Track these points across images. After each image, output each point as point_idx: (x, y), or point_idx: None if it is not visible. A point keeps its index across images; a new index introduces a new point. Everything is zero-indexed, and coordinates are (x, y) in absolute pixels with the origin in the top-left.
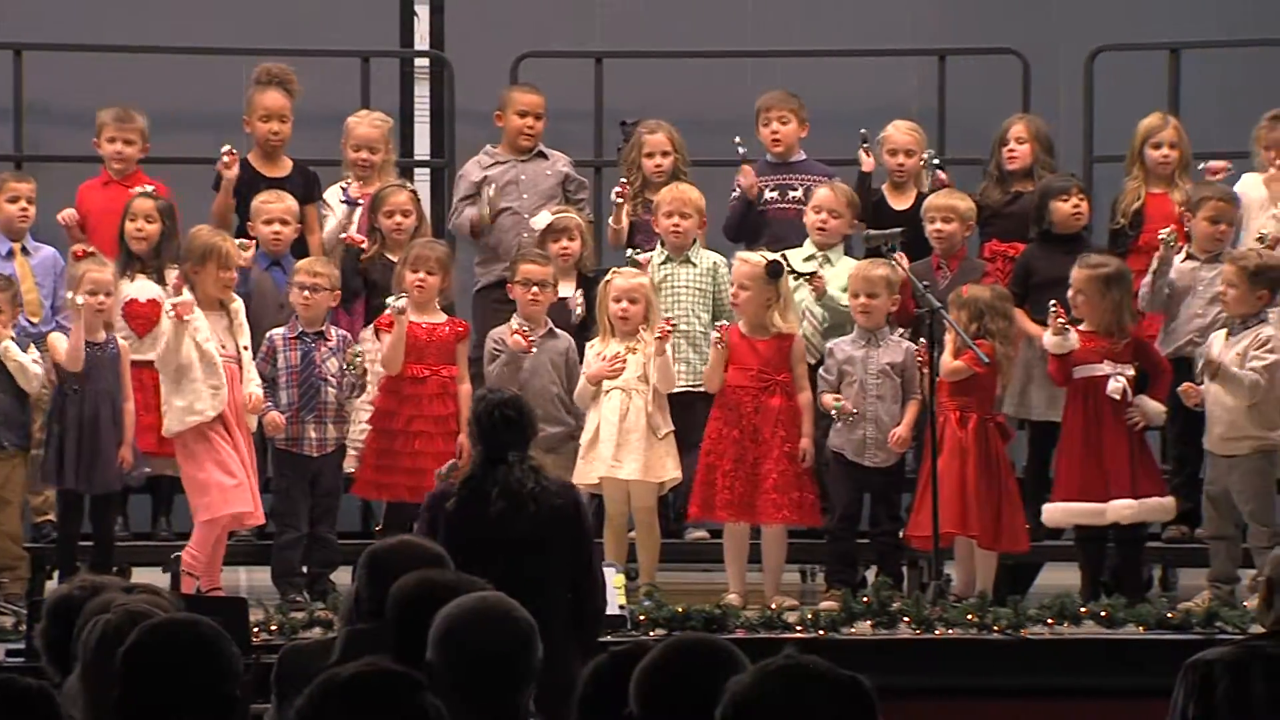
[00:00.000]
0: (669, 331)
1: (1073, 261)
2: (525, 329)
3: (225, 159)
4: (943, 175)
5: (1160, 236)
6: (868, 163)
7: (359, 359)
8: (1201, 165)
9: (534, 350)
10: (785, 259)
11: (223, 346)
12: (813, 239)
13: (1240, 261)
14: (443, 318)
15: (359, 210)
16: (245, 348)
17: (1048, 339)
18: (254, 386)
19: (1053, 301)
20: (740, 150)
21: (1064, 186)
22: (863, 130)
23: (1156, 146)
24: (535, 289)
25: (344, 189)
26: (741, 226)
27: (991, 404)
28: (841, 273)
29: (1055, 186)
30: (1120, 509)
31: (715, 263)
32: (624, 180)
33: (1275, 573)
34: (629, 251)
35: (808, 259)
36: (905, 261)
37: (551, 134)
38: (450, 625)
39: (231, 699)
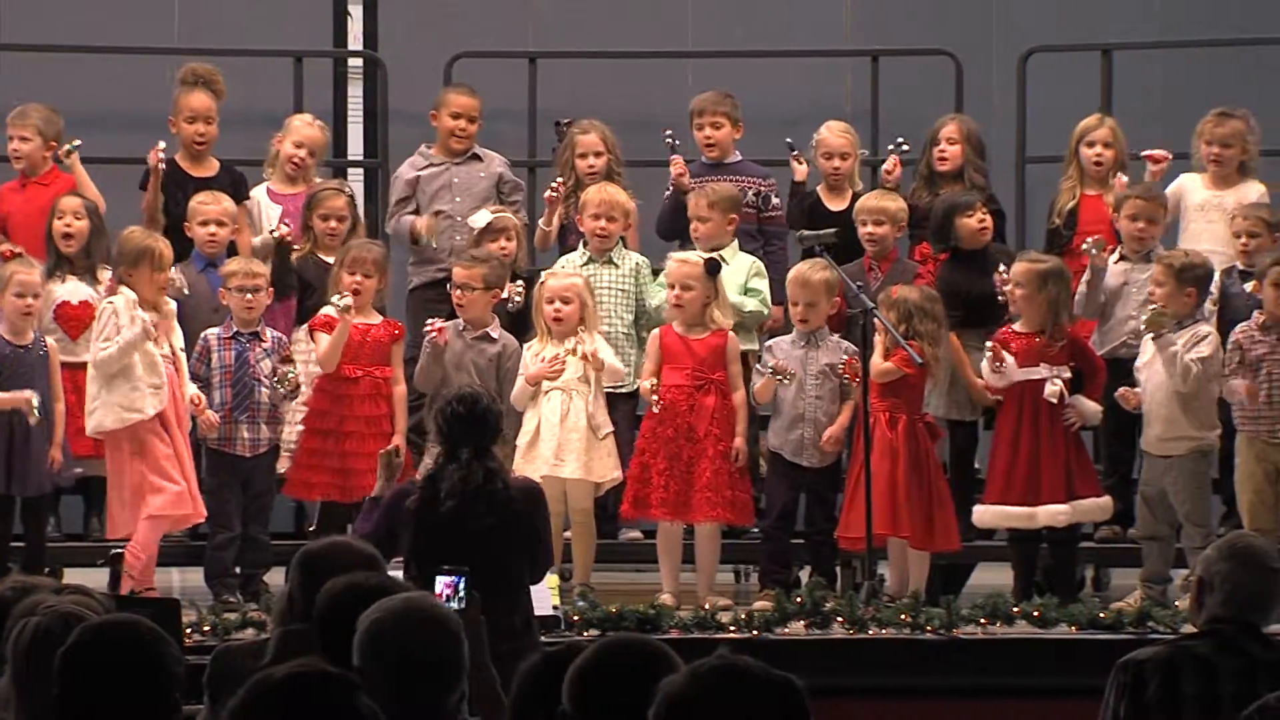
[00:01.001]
0: (568, 356)
1: (986, 274)
2: (459, 327)
3: (158, 152)
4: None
5: (1084, 246)
6: (800, 171)
7: (291, 375)
8: (1144, 153)
9: (445, 343)
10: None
11: (165, 348)
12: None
13: (1166, 260)
14: (378, 319)
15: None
16: (181, 349)
17: (986, 374)
18: (192, 389)
19: (989, 343)
20: (670, 143)
21: (969, 203)
22: (788, 140)
23: (1090, 146)
24: (459, 291)
25: (284, 225)
26: (674, 222)
27: (920, 404)
28: (738, 270)
29: (960, 203)
30: (1053, 514)
31: (638, 264)
32: (557, 180)
33: (1206, 572)
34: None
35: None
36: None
37: (486, 134)
38: (375, 628)
39: (171, 700)
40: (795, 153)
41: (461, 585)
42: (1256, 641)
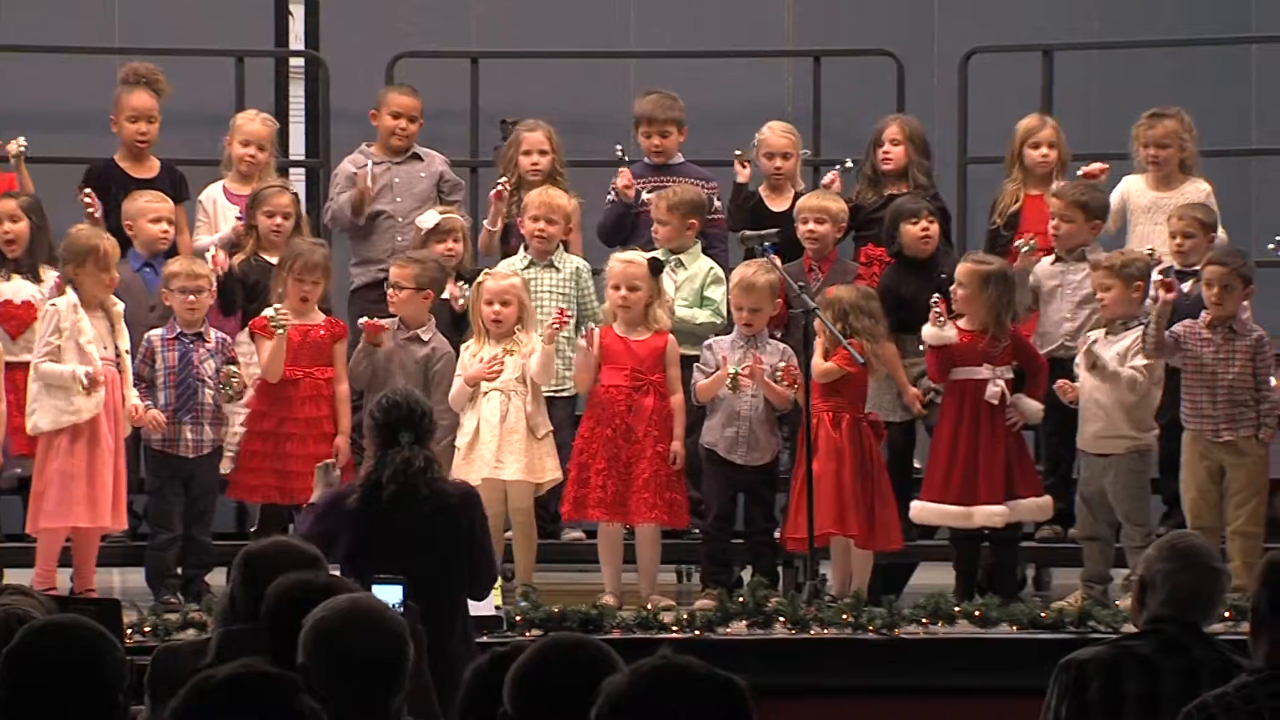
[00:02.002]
0: (564, 323)
1: (930, 280)
2: (391, 324)
3: (84, 198)
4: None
5: (1017, 245)
6: (743, 173)
7: (234, 380)
8: (1080, 171)
9: (385, 341)
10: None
11: (104, 348)
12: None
13: (1106, 263)
14: (318, 319)
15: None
16: (126, 351)
17: (926, 330)
18: (134, 398)
19: (935, 296)
20: (620, 156)
21: (914, 210)
22: (737, 151)
23: (1035, 147)
24: (391, 290)
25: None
26: (616, 229)
27: (864, 403)
28: (695, 276)
29: (906, 209)
30: (989, 514)
31: (578, 267)
32: (502, 180)
33: (1147, 572)
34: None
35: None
36: (779, 261)
37: (427, 134)
38: (320, 627)
39: (115, 702)
40: (739, 154)
41: (399, 594)
42: (1198, 641)
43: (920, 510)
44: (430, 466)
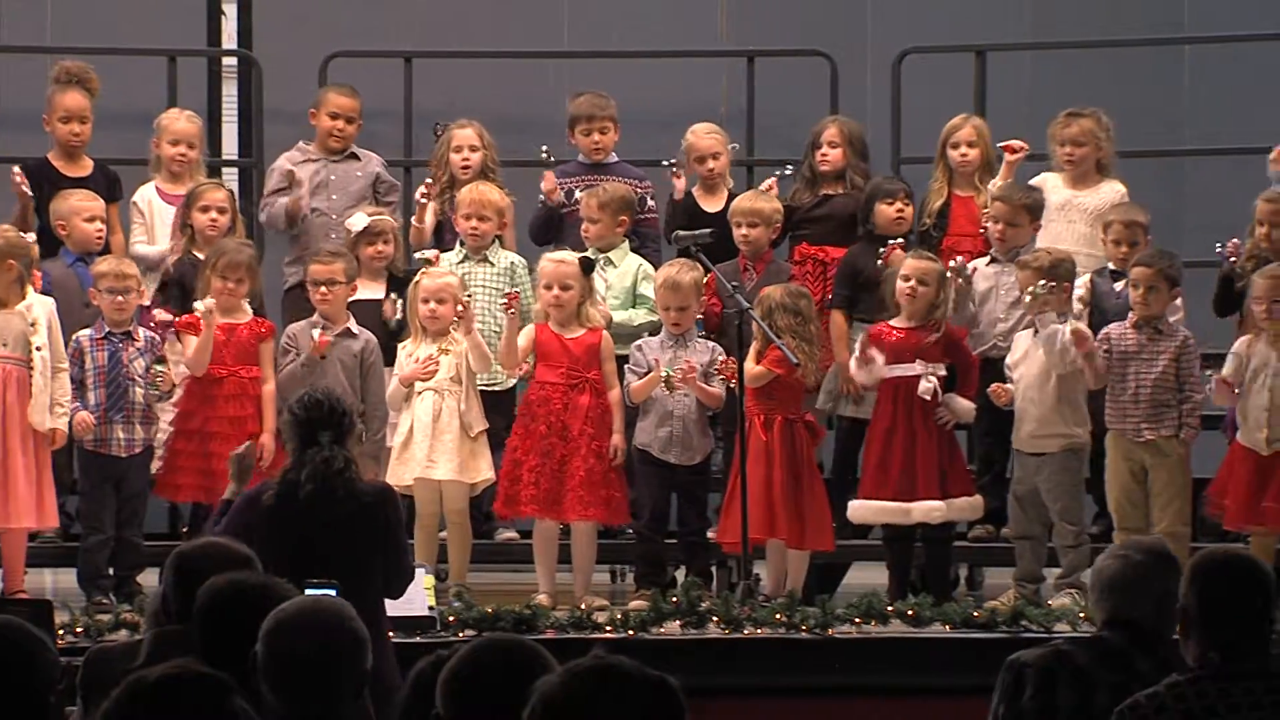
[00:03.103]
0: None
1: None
2: (325, 328)
3: (17, 179)
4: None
5: (952, 265)
6: (679, 187)
7: (160, 379)
8: (1001, 144)
9: (321, 353)
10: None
11: (3, 345)
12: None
13: (1035, 264)
14: (244, 318)
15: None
16: (39, 347)
17: (853, 369)
18: (64, 398)
19: (861, 337)
20: (545, 157)
21: (891, 190)
22: (668, 162)
23: (955, 146)
24: (324, 288)
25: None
26: (544, 229)
27: (799, 404)
28: (625, 273)
29: (883, 189)
30: (927, 510)
31: (513, 263)
32: (429, 179)
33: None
34: (416, 254)
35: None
36: (708, 262)
37: (362, 134)
38: (278, 626)
39: (47, 703)
40: (675, 168)
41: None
42: (1145, 655)
43: (859, 509)
44: (348, 467)
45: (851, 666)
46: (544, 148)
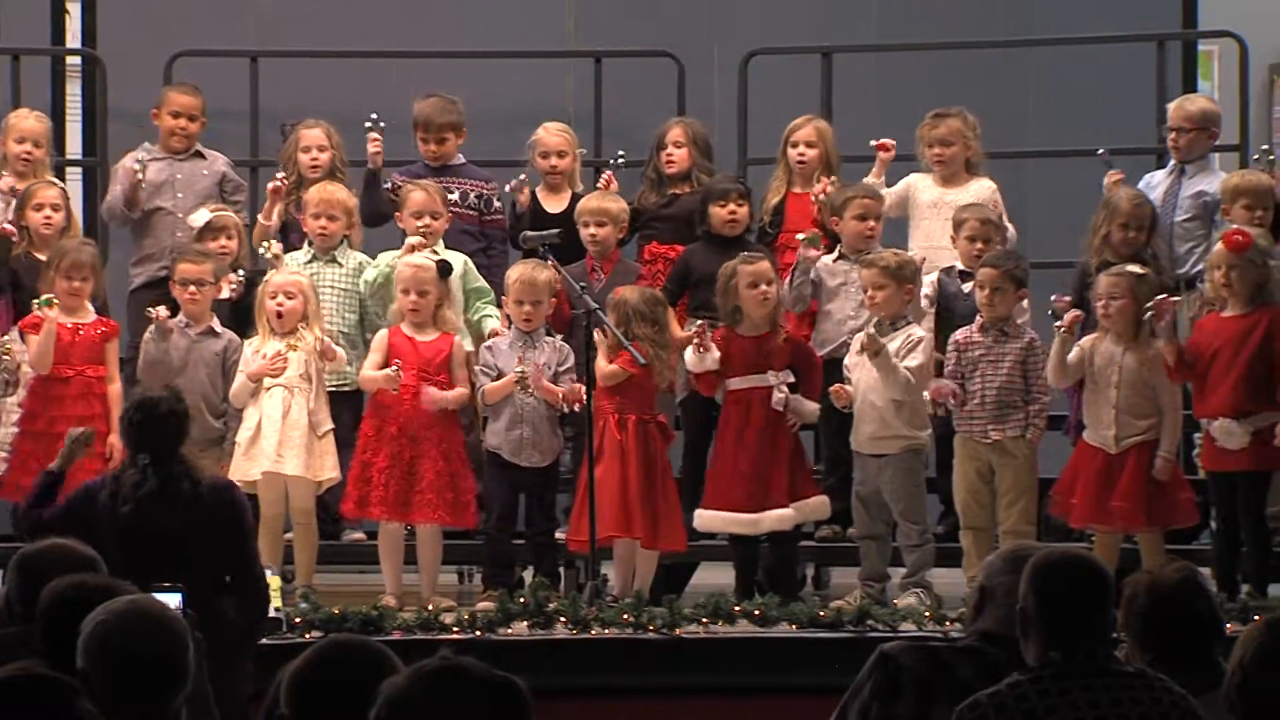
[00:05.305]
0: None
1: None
2: (188, 326)
3: None
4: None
5: (799, 238)
6: (522, 200)
7: (7, 354)
8: (873, 141)
9: (172, 327)
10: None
11: None
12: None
13: (880, 262)
14: (90, 317)
15: (11, 205)
16: None
17: (689, 359)
18: None
19: (698, 322)
20: (373, 121)
21: (723, 191)
22: (512, 184)
23: (794, 146)
24: (193, 288)
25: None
26: (369, 204)
27: (652, 404)
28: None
29: (715, 190)
30: (778, 518)
31: (361, 263)
32: (279, 175)
33: (989, 581)
34: (259, 249)
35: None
36: (557, 264)
37: (207, 133)
38: (99, 629)
39: None
40: (518, 183)
41: (177, 601)
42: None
43: (706, 518)
44: (173, 482)
45: (699, 666)
46: (374, 115)
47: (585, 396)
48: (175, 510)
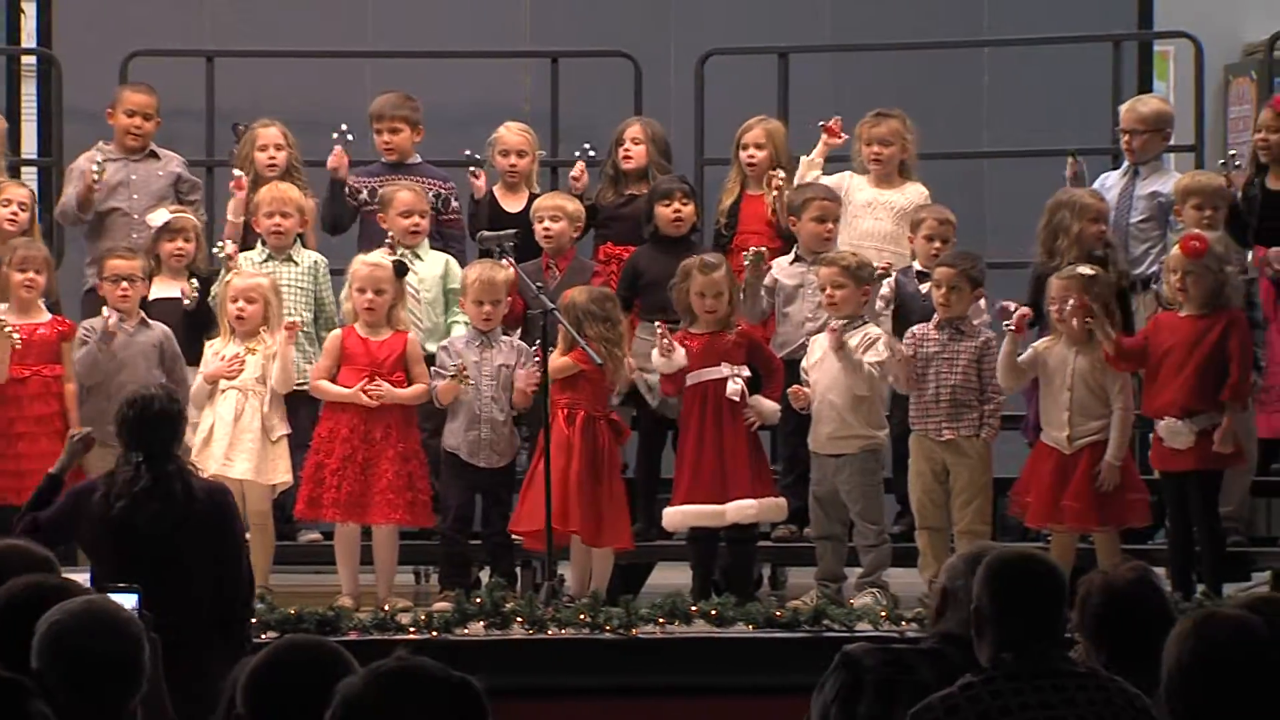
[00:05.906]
0: (293, 330)
1: (675, 264)
2: (121, 319)
3: None
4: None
5: (747, 259)
6: (479, 187)
7: None
8: (821, 122)
9: (115, 329)
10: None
11: None
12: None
13: (840, 262)
14: (45, 317)
15: None
16: None
17: (657, 361)
18: None
19: (658, 324)
20: (340, 132)
21: (667, 190)
22: (471, 169)
23: (744, 148)
24: (125, 284)
25: None
26: (331, 211)
27: (604, 402)
28: (434, 262)
29: (660, 190)
30: (741, 509)
31: (316, 261)
32: (239, 174)
33: (950, 583)
34: (214, 249)
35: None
36: (514, 263)
37: (163, 133)
38: (54, 629)
39: None
40: (474, 169)
41: (133, 604)
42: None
43: (672, 515)
44: (167, 480)
45: (655, 667)
46: (343, 126)
47: (542, 389)
48: (168, 508)
